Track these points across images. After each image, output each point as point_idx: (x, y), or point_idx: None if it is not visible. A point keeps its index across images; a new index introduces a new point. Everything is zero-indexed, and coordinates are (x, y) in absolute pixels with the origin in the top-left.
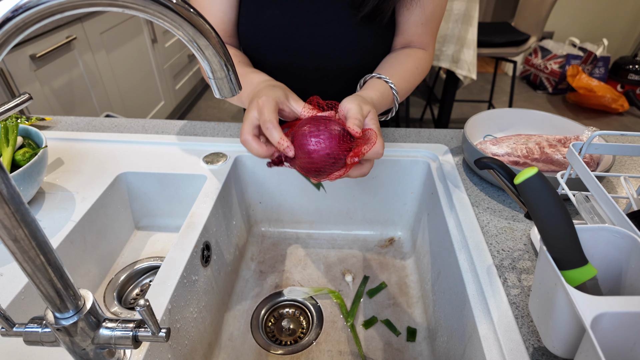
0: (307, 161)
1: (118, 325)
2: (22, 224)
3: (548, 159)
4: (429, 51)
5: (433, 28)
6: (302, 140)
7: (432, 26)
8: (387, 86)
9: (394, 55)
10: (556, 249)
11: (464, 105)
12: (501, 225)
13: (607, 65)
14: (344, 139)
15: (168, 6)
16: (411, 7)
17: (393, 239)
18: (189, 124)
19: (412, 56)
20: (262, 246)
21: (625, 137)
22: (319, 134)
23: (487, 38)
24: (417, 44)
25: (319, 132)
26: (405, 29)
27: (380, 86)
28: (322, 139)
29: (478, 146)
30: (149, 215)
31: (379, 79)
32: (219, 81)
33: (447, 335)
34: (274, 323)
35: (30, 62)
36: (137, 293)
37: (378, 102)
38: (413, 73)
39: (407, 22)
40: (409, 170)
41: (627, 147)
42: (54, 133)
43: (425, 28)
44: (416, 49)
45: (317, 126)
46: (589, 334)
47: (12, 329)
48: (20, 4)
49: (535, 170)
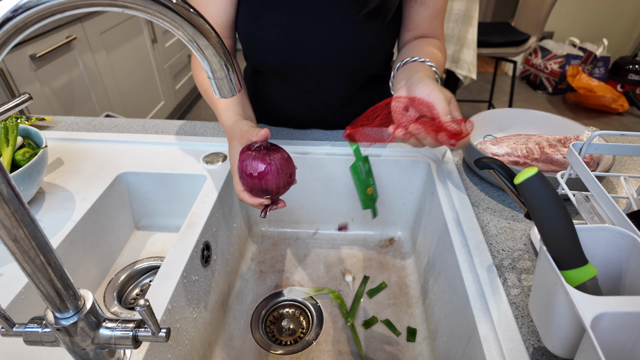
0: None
1: (118, 325)
2: (22, 224)
3: (548, 159)
4: (441, 40)
5: (441, 20)
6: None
7: (441, 18)
8: (428, 66)
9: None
10: (556, 249)
11: (464, 105)
12: (501, 225)
13: (607, 65)
14: (285, 163)
15: (168, 6)
16: (424, 3)
17: (393, 239)
18: (189, 124)
19: (432, 43)
20: (262, 246)
21: (625, 137)
22: (265, 165)
23: (487, 38)
24: (431, 36)
25: (265, 163)
26: (419, 24)
27: (429, 70)
28: (270, 168)
29: (478, 146)
30: (149, 215)
31: (422, 63)
32: (218, 81)
33: (447, 335)
34: (274, 323)
35: (30, 62)
36: (137, 293)
37: (429, 80)
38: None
39: (419, 17)
40: (409, 170)
41: (627, 147)
42: (54, 133)
43: (437, 21)
44: (430, 38)
45: (262, 160)
46: (589, 334)
47: (12, 329)
48: (20, 4)
49: (535, 170)
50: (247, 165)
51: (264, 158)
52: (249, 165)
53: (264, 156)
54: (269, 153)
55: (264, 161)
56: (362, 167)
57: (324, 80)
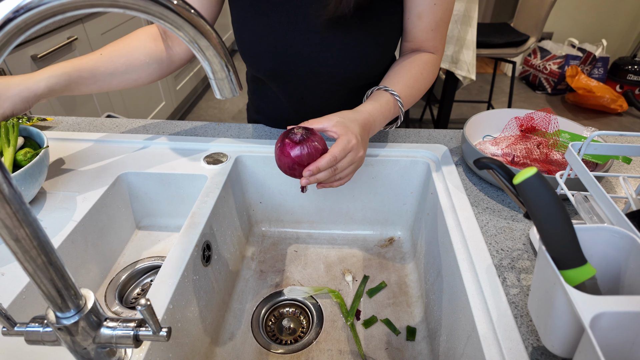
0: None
1: (119, 325)
2: (23, 223)
3: (547, 159)
4: (438, 54)
5: (443, 32)
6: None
7: (442, 30)
8: (391, 96)
9: (399, 62)
10: (555, 248)
11: (464, 106)
12: (500, 225)
13: (606, 66)
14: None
15: (169, 7)
16: (422, 15)
17: (393, 239)
18: (189, 124)
19: (417, 62)
20: (263, 246)
21: (624, 138)
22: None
23: (487, 39)
24: (427, 49)
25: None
26: (416, 36)
27: (382, 97)
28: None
29: (477, 146)
30: (150, 215)
31: (384, 91)
32: (219, 82)
33: (446, 335)
34: (275, 322)
35: (32, 63)
36: (138, 292)
37: (377, 112)
38: (417, 79)
39: (416, 29)
40: (409, 171)
41: (626, 147)
42: (55, 133)
43: (435, 33)
44: (423, 53)
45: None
46: (588, 334)
47: (14, 329)
48: (22, 5)
49: (535, 170)
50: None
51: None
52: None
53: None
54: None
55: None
56: None
57: (319, 87)
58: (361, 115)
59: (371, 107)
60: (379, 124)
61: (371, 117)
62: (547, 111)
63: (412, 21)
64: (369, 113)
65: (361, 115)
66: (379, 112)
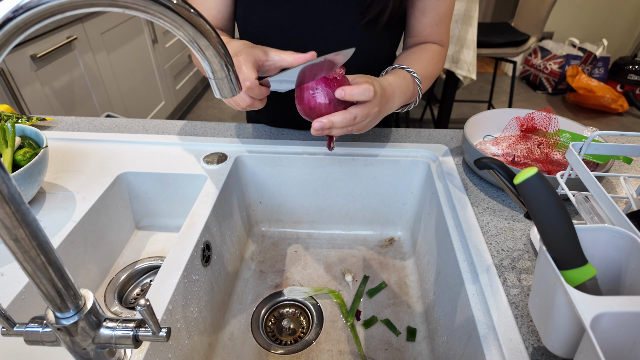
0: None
1: (118, 325)
2: (22, 223)
3: (548, 159)
4: (444, 46)
5: (446, 26)
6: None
7: (446, 24)
8: (408, 74)
9: (408, 51)
10: (556, 249)
11: (464, 106)
12: (501, 225)
13: (606, 66)
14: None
15: (169, 7)
16: (426, 10)
17: (393, 239)
18: (189, 124)
19: (427, 49)
20: (263, 246)
21: (625, 137)
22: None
23: (487, 38)
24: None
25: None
26: (420, 31)
27: (400, 73)
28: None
29: (478, 146)
30: (150, 215)
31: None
32: (219, 81)
33: (446, 335)
34: (274, 323)
35: (31, 62)
36: (137, 293)
37: (397, 85)
38: (429, 63)
39: (421, 24)
40: (409, 171)
41: (627, 147)
42: (54, 133)
43: (439, 28)
44: (430, 44)
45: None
46: (589, 334)
47: (13, 329)
48: (21, 5)
49: (535, 170)
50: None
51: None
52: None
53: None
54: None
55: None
56: None
57: None
58: (383, 81)
59: (392, 79)
60: (397, 97)
61: (391, 88)
62: (548, 111)
63: (416, 17)
64: (389, 83)
65: (383, 81)
66: (398, 85)
